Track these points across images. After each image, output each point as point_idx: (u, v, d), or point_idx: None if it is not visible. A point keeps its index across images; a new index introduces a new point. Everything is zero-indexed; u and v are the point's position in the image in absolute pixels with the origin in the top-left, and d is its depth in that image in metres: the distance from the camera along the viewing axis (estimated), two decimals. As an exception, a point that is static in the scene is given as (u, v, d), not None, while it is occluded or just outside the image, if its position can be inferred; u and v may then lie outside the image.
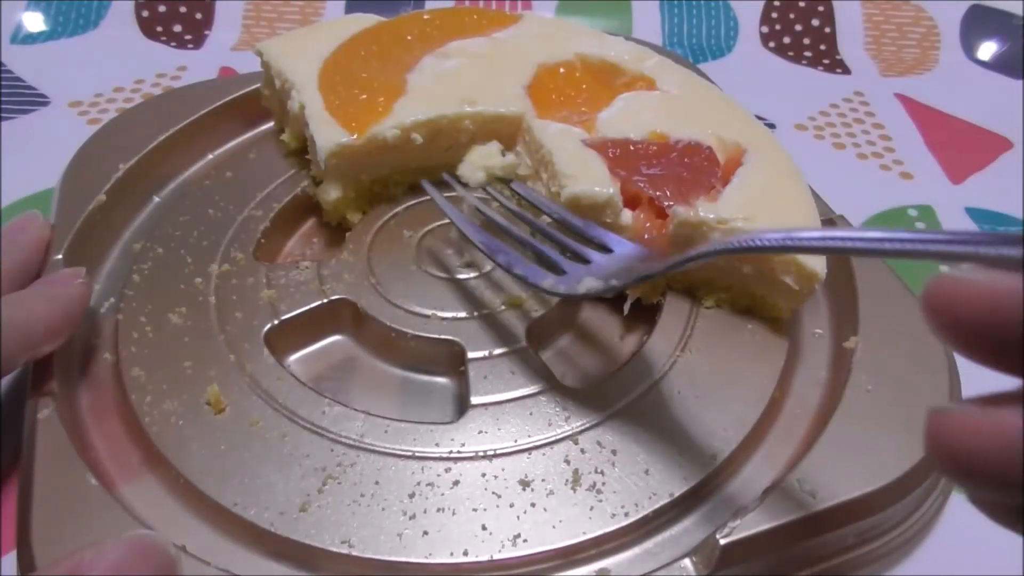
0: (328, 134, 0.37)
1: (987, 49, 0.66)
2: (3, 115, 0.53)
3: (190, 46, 0.62)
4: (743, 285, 0.34)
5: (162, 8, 0.63)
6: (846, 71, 0.64)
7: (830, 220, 0.37)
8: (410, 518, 0.27)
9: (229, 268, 0.36)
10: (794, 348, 0.34)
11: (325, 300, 0.35)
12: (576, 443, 0.30)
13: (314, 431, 0.30)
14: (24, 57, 0.59)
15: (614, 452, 0.29)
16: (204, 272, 0.36)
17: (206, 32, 0.63)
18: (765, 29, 0.67)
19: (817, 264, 0.32)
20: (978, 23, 0.66)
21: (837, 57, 0.65)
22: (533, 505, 0.28)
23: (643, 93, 0.40)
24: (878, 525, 0.29)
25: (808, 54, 0.66)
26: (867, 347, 0.32)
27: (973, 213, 0.49)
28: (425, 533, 0.27)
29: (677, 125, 0.37)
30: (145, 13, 0.63)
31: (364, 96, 0.39)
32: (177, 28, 0.63)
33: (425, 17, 0.45)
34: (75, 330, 0.31)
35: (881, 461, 0.28)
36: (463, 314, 0.34)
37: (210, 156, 0.45)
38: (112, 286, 0.37)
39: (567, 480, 0.28)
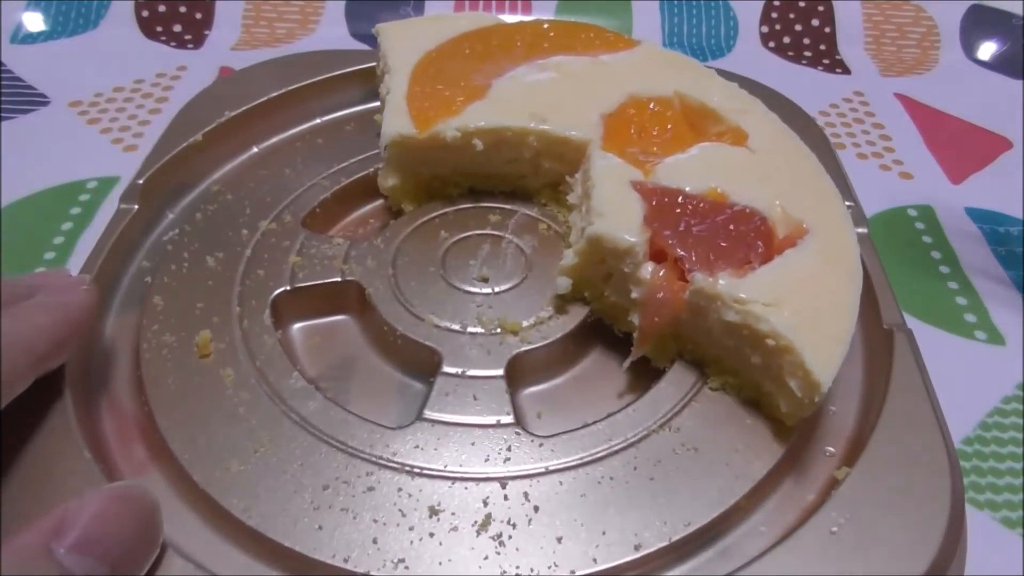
0: (394, 123, 0.38)
1: (987, 49, 0.66)
2: (3, 115, 0.53)
3: (190, 46, 0.62)
4: (750, 374, 0.31)
5: (162, 8, 0.64)
6: (846, 71, 0.64)
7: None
8: (314, 508, 0.27)
9: (275, 227, 0.38)
10: (790, 461, 0.30)
11: (340, 279, 0.36)
12: (503, 487, 0.28)
13: (271, 398, 0.31)
14: (24, 57, 0.59)
15: (536, 508, 0.27)
16: (253, 225, 0.38)
17: (206, 32, 0.64)
18: (765, 29, 0.66)
19: (823, 374, 0.27)
20: (978, 23, 0.67)
21: (837, 57, 0.65)
22: (431, 535, 0.27)
23: (723, 146, 0.37)
24: None
25: (808, 54, 0.65)
26: (856, 483, 0.27)
27: (973, 213, 0.49)
28: (320, 528, 0.27)
29: (744, 187, 0.34)
30: (145, 13, 0.63)
31: (446, 92, 0.39)
32: (177, 28, 0.63)
33: (544, 27, 0.45)
34: (80, 340, 0.30)
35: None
36: (456, 326, 0.34)
37: (317, 120, 0.47)
38: (182, 218, 0.40)
39: (475, 522, 0.27)
